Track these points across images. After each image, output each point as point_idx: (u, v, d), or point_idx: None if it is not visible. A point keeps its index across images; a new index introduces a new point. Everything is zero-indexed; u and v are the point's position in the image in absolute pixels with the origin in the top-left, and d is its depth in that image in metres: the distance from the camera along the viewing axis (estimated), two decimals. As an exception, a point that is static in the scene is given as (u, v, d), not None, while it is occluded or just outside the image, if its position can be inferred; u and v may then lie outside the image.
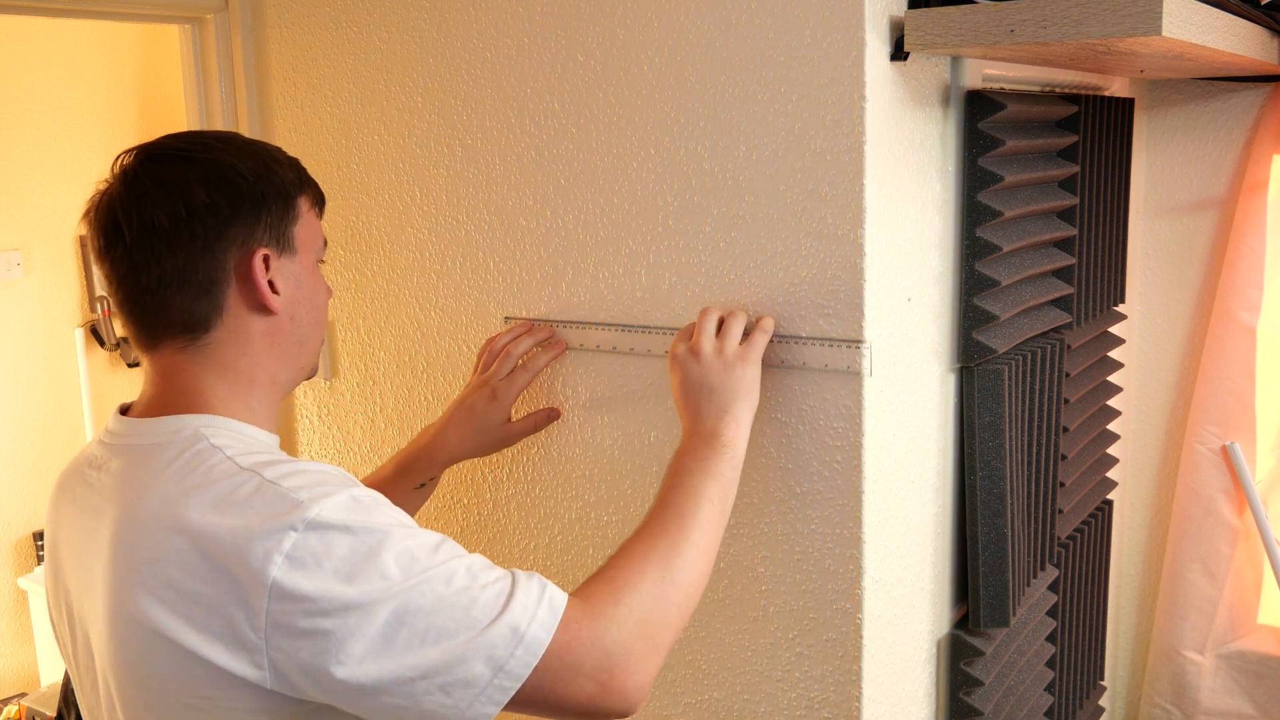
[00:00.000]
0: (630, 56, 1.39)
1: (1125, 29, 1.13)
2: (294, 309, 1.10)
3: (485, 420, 1.46)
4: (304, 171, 1.13)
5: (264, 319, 1.08)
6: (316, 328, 1.14)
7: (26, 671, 3.40)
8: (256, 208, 1.05)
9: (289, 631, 0.92)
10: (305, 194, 1.12)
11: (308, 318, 1.12)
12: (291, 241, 1.09)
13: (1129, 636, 2.29)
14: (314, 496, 0.94)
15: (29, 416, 3.34)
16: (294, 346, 1.11)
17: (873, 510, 1.33)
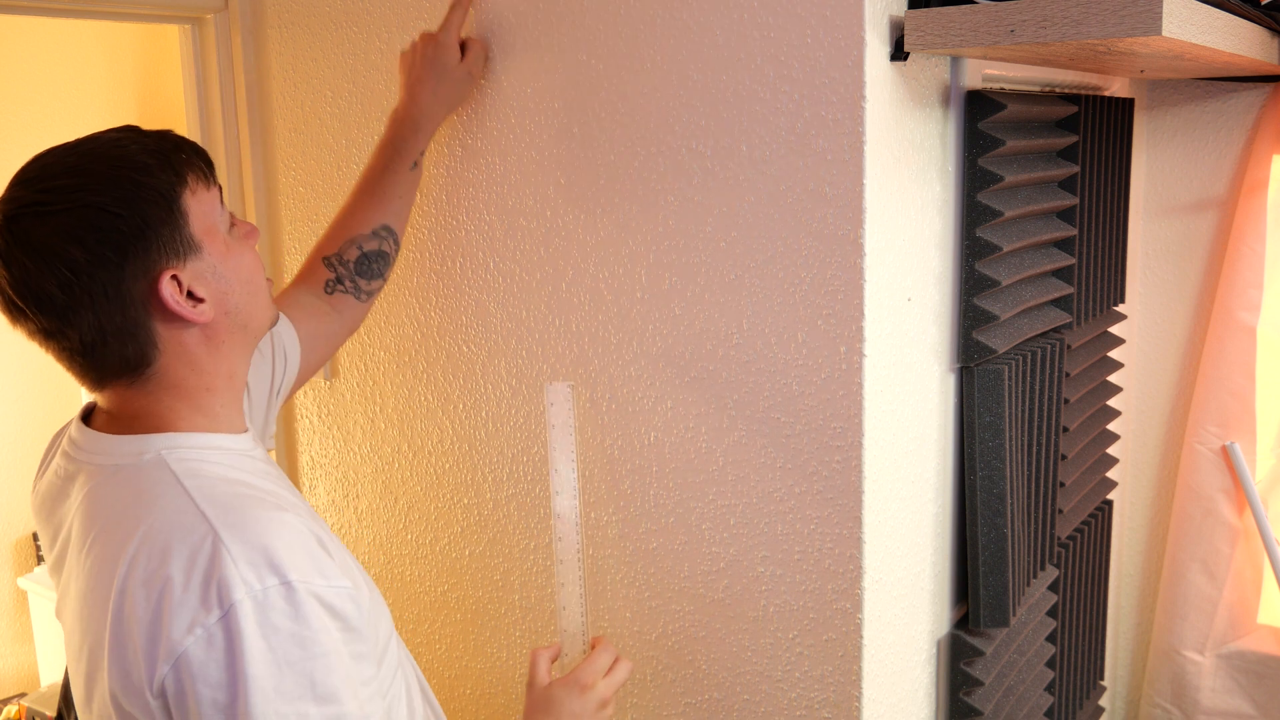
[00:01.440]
0: (630, 56, 1.39)
1: (1125, 29, 1.13)
2: (224, 302, 1.06)
3: (441, 65, 1.46)
4: (175, 152, 1.05)
5: (199, 330, 1.06)
6: (253, 297, 1.10)
7: (26, 671, 3.40)
8: (143, 238, 1.00)
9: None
10: (185, 183, 1.04)
11: (241, 297, 1.08)
12: (193, 241, 1.04)
13: (1129, 636, 2.29)
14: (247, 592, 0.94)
15: (29, 416, 3.34)
16: (238, 332, 1.09)
17: (873, 510, 1.33)
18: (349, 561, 1.10)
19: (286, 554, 0.97)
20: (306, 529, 1.01)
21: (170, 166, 1.03)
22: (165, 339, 1.04)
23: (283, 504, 1.04)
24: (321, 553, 1.00)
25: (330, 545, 1.05)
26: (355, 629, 1.01)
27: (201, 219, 1.05)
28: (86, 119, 3.35)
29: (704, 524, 1.43)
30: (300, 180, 1.80)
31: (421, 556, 1.75)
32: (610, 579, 1.53)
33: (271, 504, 1.02)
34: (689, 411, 1.42)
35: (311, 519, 1.09)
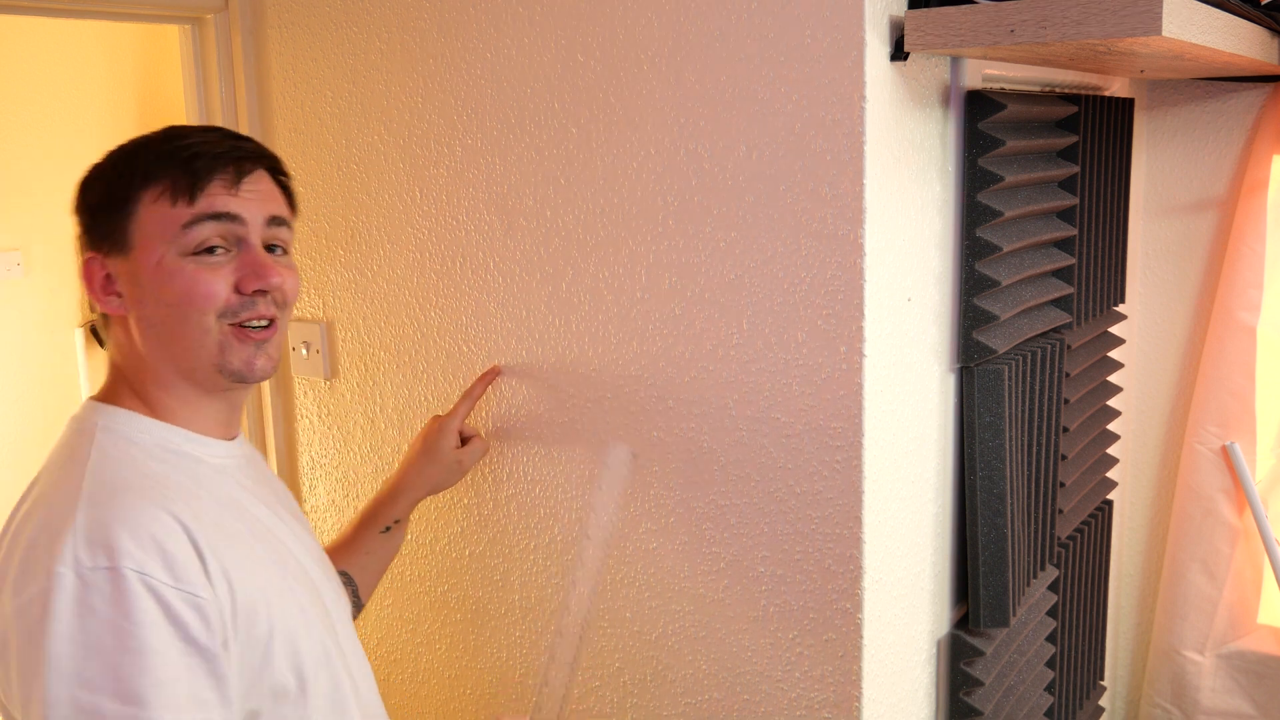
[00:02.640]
0: (630, 56, 1.39)
1: (1125, 29, 1.13)
2: (139, 307, 1.08)
3: (436, 448, 1.53)
4: (161, 160, 1.08)
5: (129, 320, 1.10)
6: (179, 323, 1.07)
7: (26, 671, 3.40)
8: (83, 217, 1.10)
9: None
10: (149, 185, 1.07)
11: (158, 313, 1.07)
12: (127, 239, 1.07)
13: (1129, 636, 2.29)
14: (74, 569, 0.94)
15: (29, 416, 3.34)
16: (159, 346, 1.09)
17: (873, 510, 1.33)
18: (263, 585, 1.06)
19: (131, 542, 0.95)
20: (180, 528, 0.98)
21: (152, 166, 1.08)
22: (97, 308, 1.12)
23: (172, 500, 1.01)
24: (189, 556, 0.98)
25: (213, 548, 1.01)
26: (197, 641, 0.96)
27: (150, 224, 1.07)
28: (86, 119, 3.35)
29: (704, 524, 1.43)
30: (300, 180, 1.79)
31: (421, 556, 1.75)
32: (610, 579, 1.53)
33: (157, 496, 1.01)
34: (689, 411, 1.42)
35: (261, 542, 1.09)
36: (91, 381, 3.45)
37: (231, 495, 1.11)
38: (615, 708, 1.57)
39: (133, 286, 1.08)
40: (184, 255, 1.06)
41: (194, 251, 1.06)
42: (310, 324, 1.81)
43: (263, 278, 1.08)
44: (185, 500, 1.03)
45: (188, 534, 0.99)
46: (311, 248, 1.79)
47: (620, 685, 1.55)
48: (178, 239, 1.06)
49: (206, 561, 1.00)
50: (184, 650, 0.96)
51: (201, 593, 0.98)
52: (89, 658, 0.92)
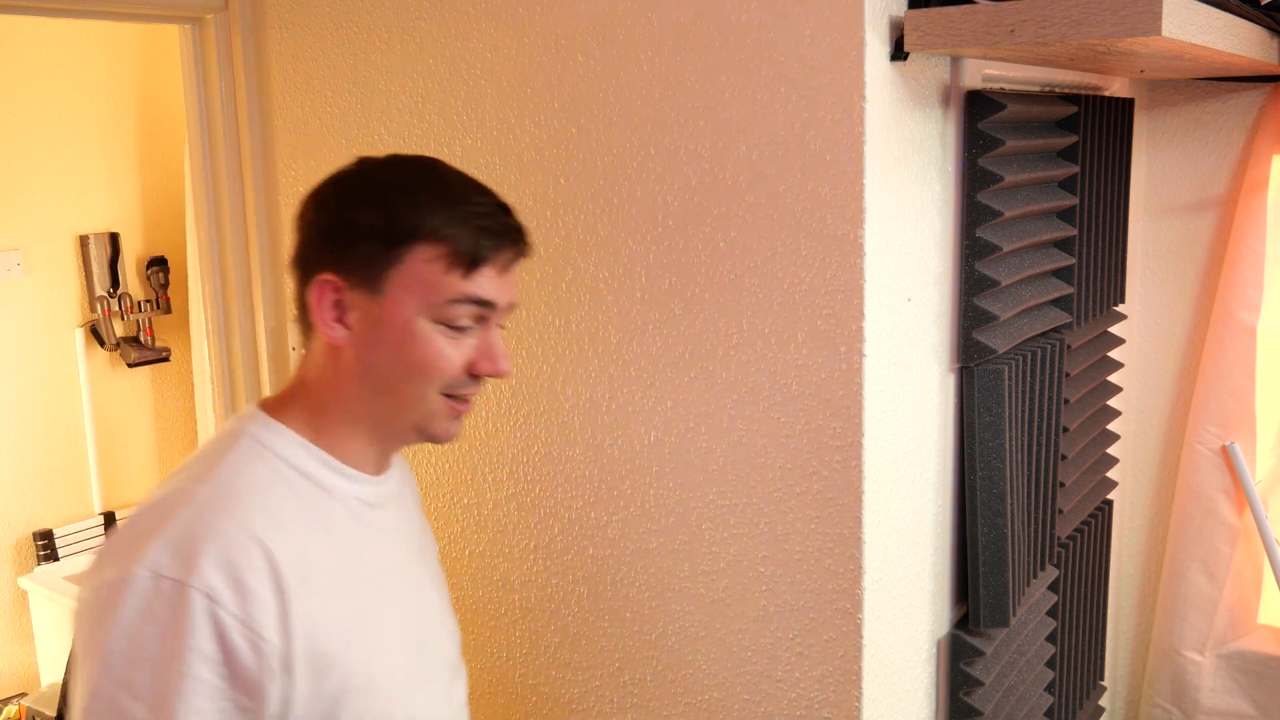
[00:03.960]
0: (630, 56, 1.39)
1: (1125, 29, 1.13)
2: (363, 350, 1.04)
3: None
4: (450, 223, 1.03)
5: (334, 348, 1.05)
6: (403, 383, 1.04)
7: (26, 671, 3.40)
8: (334, 237, 1.04)
9: None
10: (427, 244, 1.02)
11: (384, 367, 1.04)
12: (381, 281, 1.02)
13: (1129, 636, 2.29)
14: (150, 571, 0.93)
15: (29, 416, 3.34)
16: (368, 392, 1.05)
17: (873, 510, 1.33)
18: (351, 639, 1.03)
19: (212, 563, 0.94)
20: (268, 565, 0.96)
21: (439, 224, 1.03)
22: (315, 329, 1.06)
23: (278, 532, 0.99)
24: (267, 595, 0.96)
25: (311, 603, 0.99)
26: (243, 679, 0.94)
27: (411, 279, 1.02)
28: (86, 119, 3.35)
29: (704, 524, 1.43)
30: (300, 180, 1.79)
31: (421, 556, 1.75)
32: (610, 579, 1.53)
33: (262, 526, 0.98)
34: (689, 411, 1.42)
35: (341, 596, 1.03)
36: (91, 381, 3.45)
37: (354, 535, 1.08)
38: (615, 708, 1.57)
39: (368, 328, 1.03)
40: (433, 321, 1.03)
41: (443, 322, 1.03)
42: (310, 324, 1.81)
43: (496, 365, 1.07)
44: (294, 534, 1.01)
45: (275, 572, 0.97)
46: (311, 248, 1.79)
47: (620, 685, 1.55)
48: (435, 307, 1.03)
49: (289, 604, 0.97)
50: (225, 685, 0.94)
51: (265, 634, 0.95)
52: (137, 664, 0.92)
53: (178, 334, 3.61)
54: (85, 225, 3.41)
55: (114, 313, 3.44)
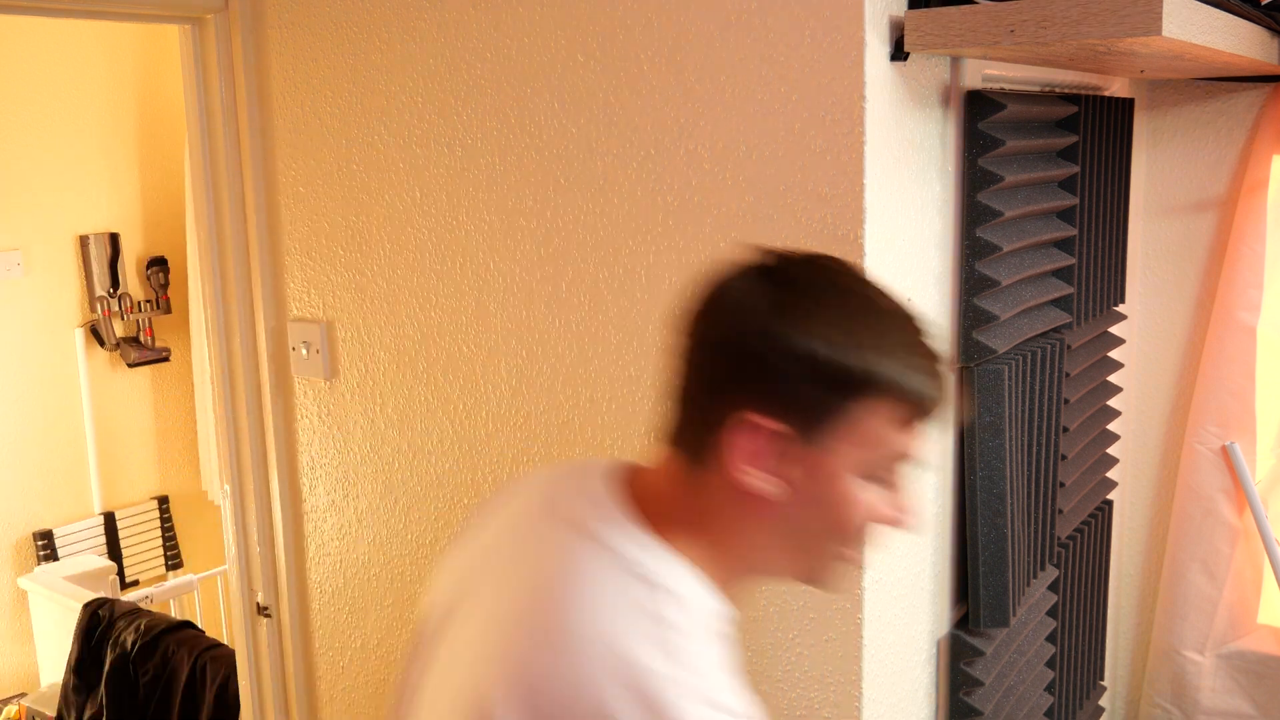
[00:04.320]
0: (630, 56, 1.39)
1: (1125, 29, 1.13)
2: (789, 505, 0.89)
3: None
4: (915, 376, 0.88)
5: (750, 493, 0.89)
6: (820, 541, 0.91)
7: (26, 671, 3.40)
8: (772, 372, 0.86)
9: None
10: (886, 395, 0.87)
11: (812, 524, 0.90)
12: (823, 435, 0.87)
13: (1129, 636, 2.29)
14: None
15: (29, 416, 3.34)
16: (783, 545, 0.92)
17: (873, 510, 1.33)
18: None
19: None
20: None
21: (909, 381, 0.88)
22: (721, 464, 0.89)
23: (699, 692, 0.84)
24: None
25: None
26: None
27: (861, 435, 0.87)
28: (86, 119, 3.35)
29: (704, 524, 1.43)
30: (300, 180, 1.80)
31: (421, 556, 1.75)
32: (610, 579, 1.53)
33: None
34: (689, 411, 1.42)
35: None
36: (91, 381, 3.45)
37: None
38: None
39: (804, 483, 0.88)
40: (863, 476, 0.89)
41: (875, 479, 0.90)
42: (310, 324, 1.81)
43: (906, 516, 0.94)
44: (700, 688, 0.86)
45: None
46: (311, 248, 1.79)
47: (620, 685, 1.55)
48: (873, 464, 0.89)
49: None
50: None
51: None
52: None
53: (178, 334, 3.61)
54: (85, 225, 3.41)
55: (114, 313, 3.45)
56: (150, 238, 3.57)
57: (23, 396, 3.31)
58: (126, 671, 2.71)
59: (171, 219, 3.58)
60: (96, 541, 3.51)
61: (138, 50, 3.46)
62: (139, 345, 3.51)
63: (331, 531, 1.86)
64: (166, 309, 3.57)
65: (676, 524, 0.91)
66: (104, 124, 3.40)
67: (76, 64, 3.32)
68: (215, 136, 1.87)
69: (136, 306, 3.49)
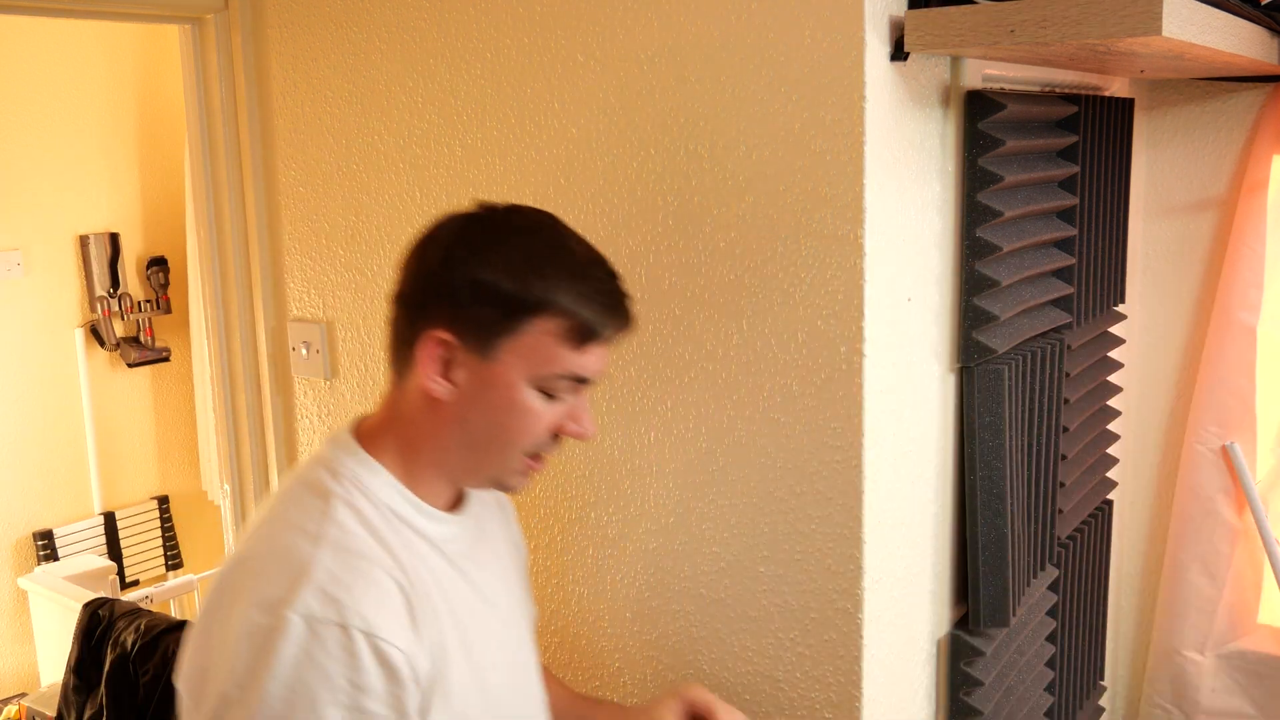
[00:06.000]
0: (630, 56, 1.39)
1: (1125, 29, 1.13)
2: (465, 408, 1.06)
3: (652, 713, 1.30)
4: (578, 299, 1.04)
5: (434, 399, 1.06)
6: (495, 444, 1.08)
7: (26, 671, 3.40)
8: (454, 295, 1.04)
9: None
10: (547, 317, 1.03)
11: (481, 426, 1.07)
12: (495, 348, 1.04)
13: (1129, 636, 2.29)
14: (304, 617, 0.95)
15: (29, 416, 3.34)
16: (462, 446, 1.08)
17: (873, 510, 1.33)
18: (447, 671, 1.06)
19: (365, 602, 0.97)
20: (403, 599, 1.01)
21: (568, 300, 1.03)
22: (415, 376, 1.07)
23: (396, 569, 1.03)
24: (409, 625, 1.00)
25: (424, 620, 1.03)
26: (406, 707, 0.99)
27: (526, 349, 1.04)
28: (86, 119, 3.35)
29: (704, 524, 1.43)
30: (300, 180, 1.80)
31: (421, 556, 1.75)
32: (610, 579, 1.54)
33: (388, 564, 1.02)
34: (689, 411, 1.42)
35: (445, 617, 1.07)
36: (91, 381, 3.45)
37: (439, 570, 1.10)
38: (615, 708, 1.57)
39: (474, 390, 1.05)
40: (534, 388, 1.06)
41: (544, 391, 1.06)
42: (310, 324, 1.81)
43: (581, 431, 1.10)
44: (408, 573, 1.04)
45: (410, 606, 1.01)
46: (311, 248, 1.79)
47: (620, 685, 1.55)
48: (543, 378, 1.05)
49: (420, 633, 1.01)
50: (399, 712, 0.98)
51: (419, 665, 1.00)
52: (299, 705, 0.94)
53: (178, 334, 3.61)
54: (85, 225, 3.41)
55: (114, 313, 3.45)
56: (150, 238, 3.57)
57: (23, 396, 3.31)
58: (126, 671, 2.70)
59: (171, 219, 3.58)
60: (96, 541, 3.51)
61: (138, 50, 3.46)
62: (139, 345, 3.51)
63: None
64: (166, 309, 3.57)
65: (379, 434, 1.10)
66: (104, 124, 3.40)
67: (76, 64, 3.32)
68: (215, 136, 1.87)
69: (136, 306, 3.49)
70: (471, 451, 1.08)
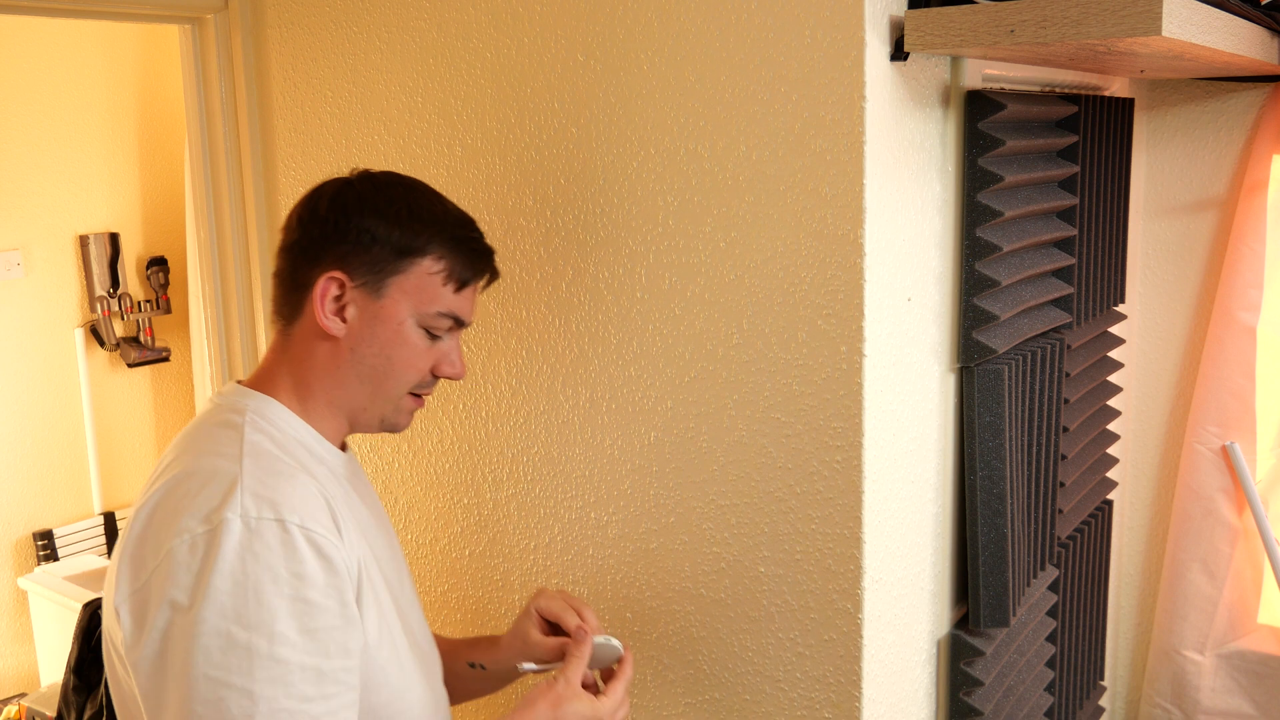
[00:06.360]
0: (630, 56, 1.39)
1: (1125, 29, 1.13)
2: (356, 343, 1.16)
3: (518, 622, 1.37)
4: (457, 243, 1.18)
5: (327, 336, 1.16)
6: (385, 377, 1.18)
7: (26, 671, 3.40)
8: (349, 240, 1.15)
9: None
10: (433, 259, 1.17)
11: (372, 360, 1.17)
12: (384, 286, 1.15)
13: (1129, 636, 2.29)
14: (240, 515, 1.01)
15: (29, 416, 3.34)
16: (354, 380, 1.18)
17: (873, 510, 1.33)
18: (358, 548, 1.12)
19: (296, 499, 1.04)
20: (327, 504, 1.08)
21: (449, 244, 1.18)
22: (307, 317, 1.17)
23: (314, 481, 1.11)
24: (335, 527, 1.07)
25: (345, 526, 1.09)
26: (346, 594, 1.05)
27: (412, 287, 1.16)
28: (86, 119, 3.35)
29: (704, 524, 1.43)
30: (300, 180, 1.80)
31: (421, 556, 1.75)
32: (610, 579, 1.54)
33: (304, 475, 1.10)
34: (689, 411, 1.42)
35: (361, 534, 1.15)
36: (91, 381, 3.45)
37: (343, 490, 1.19)
38: (615, 708, 1.56)
39: (365, 326, 1.16)
40: (420, 326, 1.18)
41: (427, 328, 1.19)
42: (310, 324, 1.81)
43: (457, 369, 1.23)
44: (319, 483, 1.12)
45: (334, 512, 1.08)
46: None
47: (620, 685, 1.55)
48: (427, 315, 1.18)
49: (343, 538, 1.08)
50: (338, 601, 1.04)
51: (349, 559, 1.07)
52: (248, 599, 0.99)
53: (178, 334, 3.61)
54: (85, 225, 3.41)
55: (114, 313, 3.45)
56: (150, 238, 3.57)
57: (23, 396, 3.31)
58: (126, 671, 2.70)
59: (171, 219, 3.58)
60: (96, 541, 3.51)
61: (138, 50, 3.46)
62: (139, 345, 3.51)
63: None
64: (166, 309, 3.57)
65: (270, 378, 1.19)
66: (104, 124, 3.40)
67: (76, 64, 3.32)
68: (215, 136, 1.87)
69: (136, 306, 3.49)
70: (364, 384, 1.18)
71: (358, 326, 1.16)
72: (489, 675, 1.41)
